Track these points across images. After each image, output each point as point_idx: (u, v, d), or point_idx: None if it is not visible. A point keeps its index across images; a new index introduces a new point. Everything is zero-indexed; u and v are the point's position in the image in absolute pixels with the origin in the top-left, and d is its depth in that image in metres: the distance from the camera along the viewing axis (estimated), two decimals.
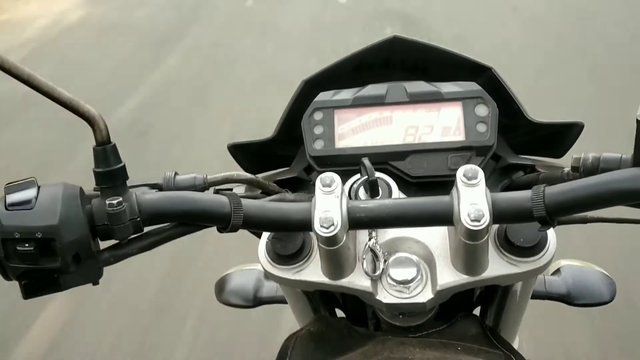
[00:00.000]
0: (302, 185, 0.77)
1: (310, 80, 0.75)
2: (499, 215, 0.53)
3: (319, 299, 0.77)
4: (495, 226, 0.61)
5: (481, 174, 0.54)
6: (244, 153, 0.78)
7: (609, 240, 2.11)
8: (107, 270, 0.56)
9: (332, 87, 0.74)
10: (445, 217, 0.54)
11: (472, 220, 0.52)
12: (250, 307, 0.97)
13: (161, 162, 2.96)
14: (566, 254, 0.90)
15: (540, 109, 1.04)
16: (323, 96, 0.72)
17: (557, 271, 0.92)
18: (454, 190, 0.55)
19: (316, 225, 0.54)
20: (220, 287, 0.99)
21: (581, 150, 0.62)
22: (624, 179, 0.50)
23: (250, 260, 1.00)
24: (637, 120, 0.48)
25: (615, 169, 0.55)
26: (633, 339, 1.90)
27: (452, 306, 0.68)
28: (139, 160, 2.25)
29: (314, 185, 0.57)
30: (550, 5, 4.74)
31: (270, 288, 0.97)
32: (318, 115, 0.72)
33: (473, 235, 0.53)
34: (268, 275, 0.66)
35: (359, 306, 0.79)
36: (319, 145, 0.71)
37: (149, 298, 2.21)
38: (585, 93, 3.34)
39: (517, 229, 0.60)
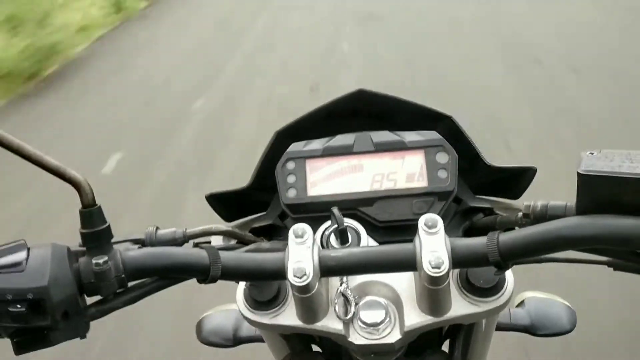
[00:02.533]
0: (278, 231, 0.81)
1: (283, 131, 0.79)
2: (458, 260, 0.57)
3: (296, 338, 0.81)
4: (457, 269, 0.66)
5: (440, 223, 0.58)
6: (221, 202, 0.82)
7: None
8: None
9: (304, 137, 0.78)
10: (408, 264, 0.59)
11: (432, 267, 0.56)
12: (230, 346, 1.00)
13: None
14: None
15: None
16: (295, 147, 0.77)
17: (521, 303, 0.97)
18: (416, 239, 0.59)
19: (290, 275, 0.58)
20: (201, 327, 1.02)
21: (531, 196, 0.67)
22: (568, 227, 0.54)
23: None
24: (577, 172, 0.54)
25: (561, 216, 0.60)
26: None
27: (421, 342, 0.72)
28: None
29: (288, 230, 0.61)
30: None
31: (249, 328, 1.00)
32: (290, 165, 0.76)
33: (434, 280, 0.57)
34: (247, 320, 0.69)
35: (335, 345, 0.83)
36: (292, 193, 0.75)
37: None
38: None
39: (477, 271, 0.64)
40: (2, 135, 0.54)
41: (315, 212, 0.74)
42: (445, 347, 0.83)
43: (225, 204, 0.83)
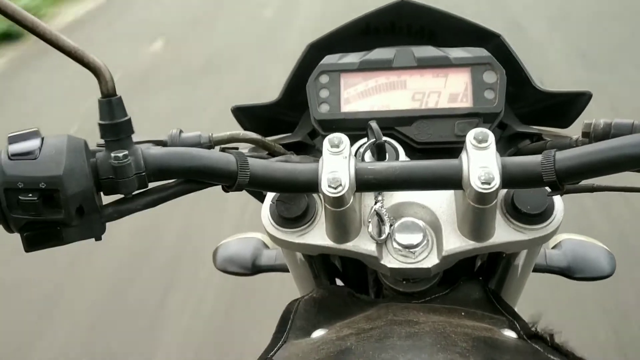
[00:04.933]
0: (306, 150, 0.76)
1: (316, 44, 0.74)
2: (509, 179, 0.52)
3: (321, 267, 0.77)
4: (503, 192, 0.61)
5: (491, 137, 0.53)
6: (247, 116, 0.77)
7: None
8: None
9: (339, 51, 0.73)
10: (454, 181, 0.54)
11: (482, 183, 0.51)
12: (249, 274, 0.96)
13: None
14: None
15: None
16: (329, 59, 0.71)
17: (557, 245, 0.92)
18: (463, 154, 0.54)
19: (323, 186, 0.54)
20: (218, 254, 0.98)
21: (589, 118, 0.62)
22: (636, 144, 0.49)
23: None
24: None
25: (627, 134, 0.54)
26: None
27: (454, 272, 0.68)
28: None
29: (318, 150, 0.56)
30: None
31: (269, 256, 0.96)
32: (324, 79, 0.70)
33: (482, 198, 0.53)
34: (271, 239, 0.65)
35: (360, 275, 0.79)
36: (324, 109, 0.70)
37: None
38: None
39: (524, 196, 0.59)
40: (15, 9, 0.48)
41: (348, 129, 0.69)
42: None
43: (251, 119, 0.77)
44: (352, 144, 0.66)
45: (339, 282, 0.84)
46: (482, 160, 0.52)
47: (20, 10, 0.49)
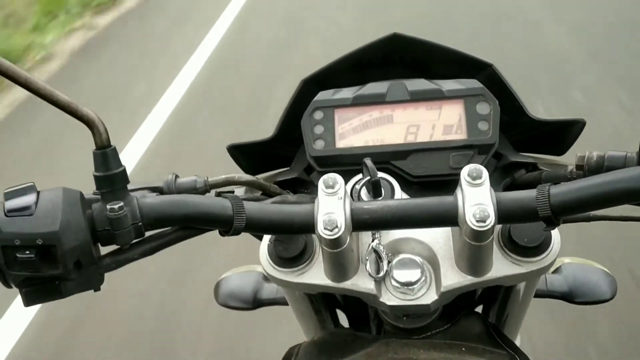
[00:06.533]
0: (303, 186, 0.76)
1: (310, 79, 0.74)
2: (504, 215, 0.52)
3: (321, 301, 0.77)
4: (499, 226, 0.61)
5: (485, 174, 0.53)
6: (243, 154, 0.77)
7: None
8: None
9: (332, 86, 0.73)
10: (450, 218, 0.54)
11: (477, 221, 0.51)
12: (250, 309, 0.96)
13: None
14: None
15: None
16: (323, 95, 0.72)
17: (558, 269, 0.92)
18: (458, 190, 0.54)
19: (319, 228, 0.54)
20: (219, 289, 0.98)
21: (582, 149, 0.62)
22: (630, 178, 0.49)
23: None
24: None
25: (620, 167, 0.54)
26: None
27: (454, 305, 0.68)
28: None
29: (314, 185, 0.57)
30: None
31: (270, 290, 0.96)
32: (318, 115, 0.71)
33: (478, 236, 0.53)
34: (270, 279, 0.65)
35: (361, 307, 0.79)
36: (319, 145, 0.70)
37: None
38: None
39: (520, 229, 0.59)
40: (8, 66, 0.49)
41: (343, 165, 0.69)
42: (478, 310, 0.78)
43: (247, 156, 0.78)
44: (348, 180, 0.66)
45: (340, 314, 0.84)
46: (476, 197, 0.52)
47: (15, 68, 0.49)
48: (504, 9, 4.68)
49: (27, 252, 0.49)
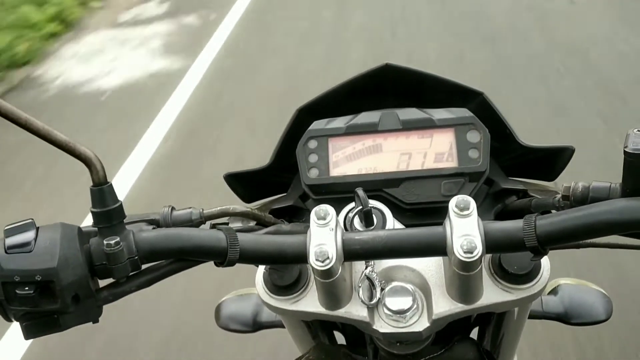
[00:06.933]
0: (299, 213, 0.77)
1: (304, 108, 0.76)
2: (492, 245, 0.53)
3: (318, 325, 0.78)
4: (489, 254, 0.62)
5: (473, 205, 0.55)
6: (240, 182, 0.79)
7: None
8: None
9: (326, 115, 0.75)
10: (439, 249, 0.55)
11: (464, 252, 0.52)
12: (250, 332, 0.97)
13: None
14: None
15: None
16: (317, 124, 0.73)
17: (554, 290, 0.92)
18: (446, 221, 0.55)
19: (311, 259, 0.55)
20: (219, 312, 1.00)
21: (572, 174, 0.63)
22: (613, 210, 0.50)
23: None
24: (624, 151, 0.49)
25: (604, 198, 0.55)
26: None
27: (449, 330, 0.69)
28: None
29: (310, 212, 0.58)
30: None
31: (269, 312, 0.97)
32: (312, 144, 0.72)
33: (466, 266, 0.54)
34: (266, 306, 0.66)
35: (357, 331, 0.80)
36: (313, 173, 0.72)
37: None
38: None
39: (510, 257, 0.60)
40: (8, 108, 0.51)
41: (337, 193, 0.71)
42: (473, 334, 0.79)
43: (244, 184, 0.79)
44: (343, 207, 0.67)
45: (337, 335, 0.85)
46: (464, 228, 0.53)
47: (14, 109, 0.51)
48: None
49: (27, 288, 0.50)
